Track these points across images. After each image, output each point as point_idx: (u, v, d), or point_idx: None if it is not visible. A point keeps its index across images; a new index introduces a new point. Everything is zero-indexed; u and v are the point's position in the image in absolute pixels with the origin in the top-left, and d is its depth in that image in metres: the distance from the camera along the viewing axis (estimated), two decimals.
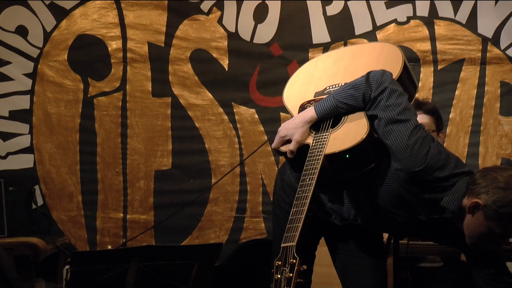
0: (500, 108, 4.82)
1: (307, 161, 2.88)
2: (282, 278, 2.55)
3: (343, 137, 2.92)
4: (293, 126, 3.03)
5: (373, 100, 2.91)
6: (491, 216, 2.75)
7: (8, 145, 5.02)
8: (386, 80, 2.93)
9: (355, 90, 2.95)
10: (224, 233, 4.96)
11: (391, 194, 2.91)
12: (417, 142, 2.81)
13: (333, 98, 2.98)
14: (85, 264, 3.20)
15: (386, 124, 2.87)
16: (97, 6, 5.00)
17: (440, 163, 2.81)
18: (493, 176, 2.78)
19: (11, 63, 5.01)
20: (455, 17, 4.82)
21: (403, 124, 2.85)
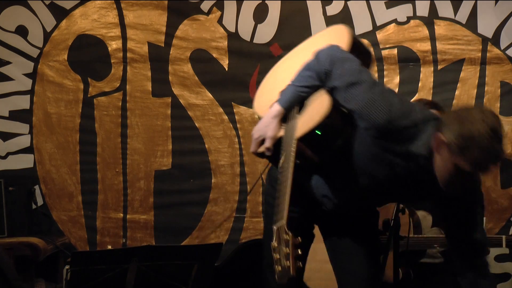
0: (500, 108, 4.82)
1: (282, 150, 2.94)
2: (280, 255, 2.61)
3: (309, 117, 2.98)
4: (264, 125, 3.08)
5: (327, 73, 2.98)
6: (455, 151, 2.75)
7: (8, 145, 5.02)
8: (333, 52, 3.01)
9: (308, 71, 3.02)
10: (224, 233, 4.97)
11: (369, 157, 2.95)
12: (377, 97, 2.88)
13: (291, 86, 3.05)
14: (85, 264, 3.20)
15: (345, 90, 2.93)
16: (97, 6, 5.00)
17: (404, 111, 2.88)
18: (456, 113, 2.84)
19: (11, 63, 5.01)
20: (455, 17, 4.82)
21: (360, 85, 2.92)
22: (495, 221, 4.79)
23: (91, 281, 3.22)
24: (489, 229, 4.71)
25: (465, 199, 2.98)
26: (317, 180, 3.11)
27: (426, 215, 3.95)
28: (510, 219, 4.81)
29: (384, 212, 3.82)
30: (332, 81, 2.98)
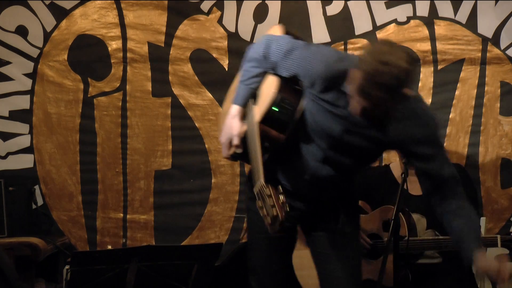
0: (500, 108, 4.82)
1: (248, 138, 3.14)
2: (266, 209, 2.81)
3: (264, 100, 3.17)
4: (227, 128, 3.24)
5: (265, 56, 3.20)
6: (362, 75, 2.92)
7: (8, 145, 5.02)
8: (265, 37, 3.27)
9: (249, 62, 3.26)
10: (224, 233, 4.97)
11: (322, 118, 3.13)
12: (313, 52, 3.14)
13: (240, 83, 3.28)
14: (85, 264, 3.20)
15: (284, 60, 3.16)
16: (97, 6, 5.00)
17: (339, 57, 3.15)
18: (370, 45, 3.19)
19: (11, 63, 5.01)
20: (455, 17, 4.82)
21: (295, 49, 3.17)
22: (495, 221, 4.79)
23: (91, 281, 3.22)
24: (489, 229, 4.71)
25: (419, 138, 3.12)
26: (286, 167, 3.24)
27: (420, 218, 3.95)
28: (510, 219, 4.81)
29: (384, 213, 3.83)
30: (272, 59, 3.21)
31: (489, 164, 4.81)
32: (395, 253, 3.47)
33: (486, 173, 4.82)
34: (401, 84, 2.96)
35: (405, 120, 3.13)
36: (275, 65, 3.22)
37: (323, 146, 3.18)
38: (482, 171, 4.82)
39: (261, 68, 3.26)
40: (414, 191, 4.00)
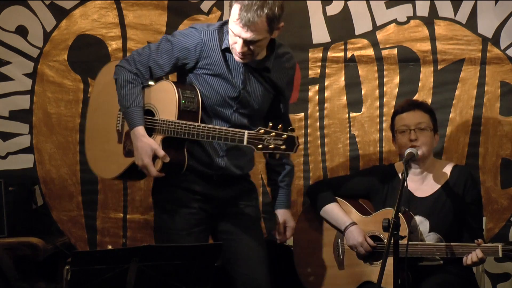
0: (500, 108, 4.82)
1: (182, 134, 3.52)
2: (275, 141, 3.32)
3: (165, 102, 3.59)
4: (140, 150, 3.55)
5: (137, 73, 3.63)
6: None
7: (8, 145, 5.02)
8: (124, 61, 3.69)
9: (124, 87, 3.61)
10: None
11: (219, 84, 3.67)
12: (178, 38, 3.68)
13: (126, 110, 3.59)
14: (85, 264, 3.20)
15: (158, 59, 3.65)
16: (97, 6, 5.00)
17: (201, 25, 3.70)
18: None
19: (11, 63, 5.01)
20: (455, 17, 4.82)
21: (162, 46, 3.66)
22: (495, 221, 4.79)
23: (91, 281, 3.22)
24: (489, 229, 4.71)
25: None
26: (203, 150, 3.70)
27: (423, 220, 3.95)
28: (510, 219, 4.81)
29: (386, 214, 3.83)
30: (144, 68, 3.62)
31: (489, 164, 4.81)
32: (395, 254, 3.46)
33: (486, 173, 4.82)
34: (278, 15, 3.53)
35: (285, 62, 3.80)
36: (152, 69, 3.64)
37: (230, 108, 3.68)
38: (482, 171, 4.82)
39: (140, 86, 3.62)
40: (418, 192, 4.00)
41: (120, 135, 3.71)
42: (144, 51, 3.68)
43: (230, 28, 3.54)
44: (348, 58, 4.90)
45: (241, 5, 3.46)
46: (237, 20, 3.47)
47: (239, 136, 3.41)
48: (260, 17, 3.45)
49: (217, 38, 3.65)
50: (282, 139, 3.30)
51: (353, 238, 3.93)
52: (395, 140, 4.05)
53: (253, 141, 3.35)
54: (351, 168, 4.89)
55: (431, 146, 4.00)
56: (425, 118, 3.98)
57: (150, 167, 3.55)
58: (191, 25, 3.75)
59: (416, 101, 4.10)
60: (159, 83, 3.67)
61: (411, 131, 3.94)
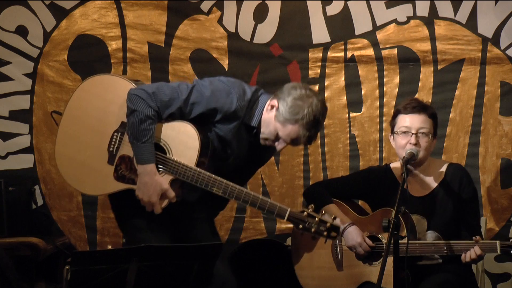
0: (500, 108, 4.82)
1: (195, 180, 3.55)
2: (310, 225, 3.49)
3: (185, 146, 3.58)
4: (150, 187, 3.55)
5: (158, 112, 3.55)
6: (279, 119, 3.56)
7: (8, 145, 5.02)
8: (138, 92, 3.56)
9: (144, 122, 3.53)
10: (224, 233, 4.96)
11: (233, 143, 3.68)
12: (213, 90, 3.61)
13: (137, 145, 3.55)
14: (85, 264, 3.20)
15: (184, 107, 3.57)
16: (97, 6, 5.00)
17: (239, 93, 3.60)
18: (293, 88, 3.58)
19: (11, 63, 5.02)
20: (455, 17, 4.82)
21: (192, 91, 3.59)
22: (495, 221, 4.79)
23: (91, 281, 3.22)
24: (489, 229, 4.71)
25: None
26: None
27: (420, 219, 3.94)
28: (510, 219, 4.81)
29: (384, 214, 3.83)
30: (167, 110, 3.56)
31: (489, 164, 4.81)
32: (395, 254, 3.46)
33: (486, 173, 4.82)
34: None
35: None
36: (174, 114, 3.57)
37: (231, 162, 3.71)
38: (482, 171, 4.82)
39: (154, 124, 3.57)
40: (415, 192, 3.99)
41: (113, 157, 3.66)
42: (172, 93, 3.58)
43: (282, 137, 3.59)
44: (348, 58, 4.90)
45: (303, 126, 3.56)
46: (298, 139, 3.59)
47: (279, 211, 3.52)
48: (315, 136, 3.64)
49: (245, 112, 3.63)
50: (326, 227, 3.48)
51: (352, 238, 3.93)
52: (393, 137, 4.02)
53: (295, 220, 3.50)
54: (351, 168, 4.89)
55: (430, 151, 3.99)
56: (428, 123, 3.94)
57: (156, 205, 3.59)
58: (227, 83, 3.66)
59: (422, 103, 3.99)
60: (179, 123, 3.61)
61: (413, 135, 3.92)
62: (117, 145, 3.66)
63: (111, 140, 3.67)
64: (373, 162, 4.85)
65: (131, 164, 3.63)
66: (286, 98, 3.56)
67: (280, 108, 3.55)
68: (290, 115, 3.53)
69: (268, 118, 3.60)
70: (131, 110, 3.56)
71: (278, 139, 3.61)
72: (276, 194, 4.95)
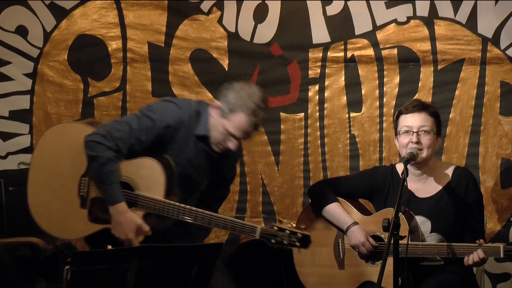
0: (500, 108, 4.82)
1: (166, 212, 3.69)
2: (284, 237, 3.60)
3: (150, 180, 3.71)
4: (126, 225, 3.66)
5: (117, 150, 3.65)
6: (223, 115, 3.67)
7: (8, 145, 5.02)
8: (94, 137, 3.66)
9: (105, 165, 3.64)
10: (224, 233, 4.96)
11: (186, 158, 3.81)
12: (157, 116, 3.72)
13: (104, 187, 3.65)
14: (85, 264, 3.20)
15: (139, 136, 3.69)
16: (97, 6, 5.00)
17: (183, 108, 3.74)
18: (232, 84, 3.74)
19: (11, 63, 5.02)
20: (455, 17, 4.82)
21: (143, 121, 3.71)
22: (495, 221, 4.79)
23: (91, 281, 3.22)
24: (489, 229, 4.71)
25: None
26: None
27: (425, 221, 3.94)
28: (510, 219, 4.81)
29: (386, 214, 3.82)
30: (125, 145, 3.66)
31: (489, 164, 4.81)
32: (395, 254, 3.46)
33: (486, 173, 4.82)
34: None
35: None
36: (133, 146, 3.68)
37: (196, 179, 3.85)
38: (482, 171, 4.82)
39: (115, 164, 3.67)
40: (420, 193, 3.99)
41: (84, 200, 3.76)
42: (123, 127, 3.70)
43: (230, 131, 3.69)
44: (348, 58, 4.90)
45: (251, 120, 3.68)
46: (245, 129, 3.69)
47: (249, 230, 3.66)
48: (256, 129, 3.74)
49: (194, 122, 3.78)
50: (297, 238, 3.61)
51: (355, 238, 3.93)
52: (397, 138, 4.04)
53: (267, 235, 3.62)
54: (351, 168, 4.89)
55: (433, 149, 3.99)
56: (429, 121, 3.95)
57: (134, 241, 3.69)
58: (170, 100, 3.82)
59: (423, 103, 4.02)
60: (141, 160, 3.74)
61: (414, 133, 3.92)
62: (87, 189, 3.77)
63: (79, 185, 3.78)
64: (373, 162, 4.85)
65: (103, 205, 3.73)
66: (225, 94, 3.71)
67: (223, 105, 3.69)
68: (232, 106, 3.67)
69: (214, 121, 3.73)
70: (91, 156, 3.67)
71: (229, 137, 3.72)
72: (276, 194, 4.95)
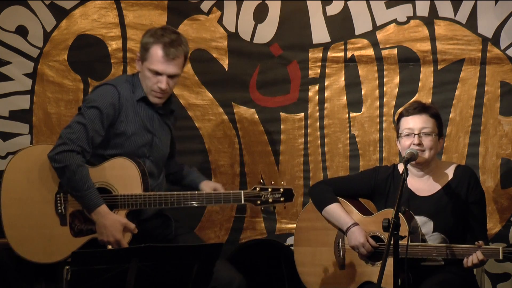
0: (500, 108, 4.82)
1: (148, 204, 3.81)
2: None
3: (125, 178, 3.81)
4: (111, 226, 3.73)
5: (83, 150, 3.79)
6: (142, 59, 3.94)
7: (8, 145, 5.02)
8: (59, 147, 3.80)
9: (76, 172, 3.74)
10: (224, 233, 4.96)
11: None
12: (94, 101, 3.92)
13: (81, 193, 3.73)
14: (85, 264, 3.20)
15: (97, 128, 3.86)
16: (97, 6, 5.00)
17: (109, 84, 3.99)
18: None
19: (11, 63, 5.01)
20: (455, 17, 4.82)
21: (88, 113, 3.87)
22: (495, 221, 4.79)
23: (91, 281, 3.22)
24: (489, 229, 4.70)
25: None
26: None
27: (427, 221, 3.94)
28: (510, 219, 4.81)
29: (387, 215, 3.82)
30: (86, 141, 3.78)
31: (489, 164, 4.81)
32: (395, 255, 3.46)
33: (486, 173, 4.82)
34: (188, 51, 3.99)
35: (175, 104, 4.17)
36: (93, 139, 3.80)
37: (144, 156, 3.95)
38: (482, 171, 4.82)
39: (86, 165, 3.77)
40: (422, 192, 3.99)
41: (63, 217, 3.82)
42: (76, 128, 3.82)
43: (152, 68, 3.88)
44: (348, 58, 4.90)
45: (162, 44, 3.88)
46: (163, 57, 3.87)
47: (234, 197, 3.82)
48: (180, 50, 3.91)
49: (130, 90, 3.95)
50: (280, 193, 3.79)
51: (355, 238, 3.93)
52: (399, 141, 4.05)
53: (251, 198, 3.79)
54: (351, 168, 4.89)
55: (435, 151, 3.99)
56: (430, 123, 3.95)
57: (122, 241, 3.75)
58: (100, 84, 4.02)
59: (423, 104, 4.02)
60: (110, 161, 3.85)
61: (415, 135, 3.93)
62: (63, 205, 3.83)
63: (56, 203, 3.83)
64: (373, 162, 4.85)
65: (83, 216, 3.81)
66: (140, 43, 4.01)
67: (140, 53, 3.97)
68: (145, 46, 3.92)
69: (141, 74, 3.96)
70: (61, 168, 3.74)
71: (156, 78, 3.88)
72: None
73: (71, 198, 3.83)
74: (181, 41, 3.94)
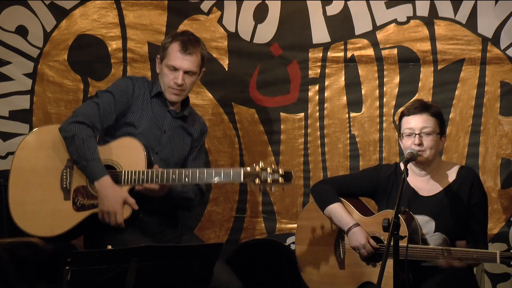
0: (500, 108, 4.82)
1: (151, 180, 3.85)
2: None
3: (131, 156, 3.88)
4: (111, 198, 3.77)
5: (92, 126, 3.88)
6: (162, 57, 4.13)
7: (8, 145, 5.02)
8: (73, 119, 3.93)
9: (85, 141, 3.84)
10: (224, 233, 4.96)
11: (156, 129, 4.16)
12: (114, 89, 4.17)
13: (87, 163, 3.80)
14: (85, 264, 3.20)
15: (109, 111, 4.04)
16: (97, 6, 5.00)
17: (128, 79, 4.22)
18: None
19: (11, 63, 5.01)
20: (455, 17, 4.82)
21: (104, 97, 4.07)
22: (495, 221, 4.79)
23: (91, 281, 3.22)
24: (489, 229, 4.70)
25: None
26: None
27: (428, 220, 3.94)
28: (510, 219, 4.81)
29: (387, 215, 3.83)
30: (97, 119, 3.91)
31: (489, 164, 4.81)
32: (395, 255, 3.46)
33: (486, 173, 4.82)
34: (206, 56, 4.19)
35: (199, 118, 4.39)
36: (103, 120, 3.94)
37: (152, 150, 4.02)
38: (482, 171, 4.82)
39: (94, 138, 3.87)
40: (424, 192, 3.99)
41: (68, 192, 3.88)
42: (90, 106, 4.00)
43: (169, 64, 4.06)
44: (348, 58, 4.90)
45: (180, 40, 4.09)
46: (179, 51, 4.05)
47: (235, 175, 3.82)
48: (198, 49, 4.11)
49: (147, 87, 4.14)
50: (279, 174, 3.80)
51: (356, 239, 3.93)
52: (401, 140, 4.04)
53: (251, 176, 3.80)
54: (351, 168, 4.89)
55: (436, 150, 3.98)
56: (431, 122, 3.95)
57: (118, 213, 3.78)
58: (121, 77, 4.31)
59: (424, 103, 4.00)
60: (118, 140, 3.96)
61: (416, 135, 3.93)
62: (69, 180, 3.90)
63: (61, 178, 3.90)
64: (373, 162, 4.85)
65: (86, 192, 3.87)
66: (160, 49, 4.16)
67: (159, 55, 4.14)
68: (164, 45, 4.11)
69: (161, 73, 4.14)
70: (71, 136, 3.83)
71: (173, 73, 4.04)
72: (276, 194, 4.94)
73: (77, 174, 3.89)
74: (199, 42, 4.16)
